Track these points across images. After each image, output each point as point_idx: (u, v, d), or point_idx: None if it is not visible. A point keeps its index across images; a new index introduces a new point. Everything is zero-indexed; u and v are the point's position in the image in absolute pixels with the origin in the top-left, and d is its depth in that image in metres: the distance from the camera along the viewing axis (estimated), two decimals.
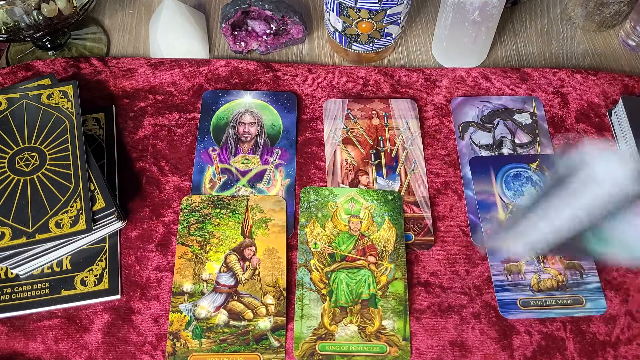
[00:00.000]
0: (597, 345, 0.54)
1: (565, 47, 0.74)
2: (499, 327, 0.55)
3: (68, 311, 0.55)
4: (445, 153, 0.64)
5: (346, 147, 0.64)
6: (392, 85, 0.69)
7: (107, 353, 0.53)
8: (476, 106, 0.67)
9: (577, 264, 0.57)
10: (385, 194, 0.61)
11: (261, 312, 0.55)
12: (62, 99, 0.61)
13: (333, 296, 0.56)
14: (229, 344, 0.53)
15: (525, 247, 0.50)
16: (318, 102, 0.67)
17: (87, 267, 0.57)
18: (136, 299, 0.56)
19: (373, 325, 0.54)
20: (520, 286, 0.56)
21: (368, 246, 0.58)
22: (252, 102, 0.67)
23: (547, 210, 0.46)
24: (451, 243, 0.59)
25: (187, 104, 0.67)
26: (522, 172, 0.62)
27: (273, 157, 0.64)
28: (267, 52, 0.72)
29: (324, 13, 0.73)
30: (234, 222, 0.59)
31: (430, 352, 0.54)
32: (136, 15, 0.77)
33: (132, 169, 0.63)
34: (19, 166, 0.57)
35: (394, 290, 0.56)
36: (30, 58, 0.72)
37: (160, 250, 0.58)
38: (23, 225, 0.54)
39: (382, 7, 0.62)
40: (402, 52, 0.73)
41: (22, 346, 0.54)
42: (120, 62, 0.70)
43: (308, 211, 0.60)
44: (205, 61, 0.70)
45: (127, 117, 0.66)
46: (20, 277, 0.56)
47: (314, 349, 0.53)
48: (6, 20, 0.62)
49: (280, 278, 0.56)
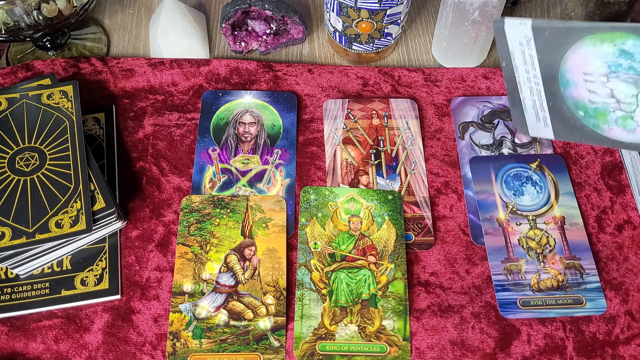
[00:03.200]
0: (596, 345, 0.54)
1: None
2: (499, 326, 0.55)
3: (68, 311, 0.55)
4: (445, 153, 0.64)
5: (346, 147, 0.64)
6: (392, 85, 0.69)
7: (107, 353, 0.53)
8: (476, 106, 0.67)
9: (577, 264, 0.57)
10: (385, 194, 0.61)
11: (261, 312, 0.55)
12: (62, 99, 0.61)
13: (333, 296, 0.56)
14: (229, 344, 0.53)
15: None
16: (318, 102, 0.67)
17: (87, 267, 0.57)
18: (136, 299, 0.56)
19: (373, 325, 0.54)
20: (520, 286, 0.56)
21: (368, 246, 0.58)
22: (252, 102, 0.67)
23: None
24: (451, 243, 0.59)
25: (187, 104, 0.67)
26: (522, 172, 0.62)
27: (273, 157, 0.64)
28: (267, 52, 0.72)
29: (324, 13, 0.73)
30: (234, 222, 0.59)
31: (430, 351, 0.54)
32: (136, 15, 0.77)
33: (132, 169, 0.63)
34: (19, 166, 0.57)
35: (394, 290, 0.56)
36: (30, 58, 0.72)
37: (160, 250, 0.58)
38: (23, 225, 0.54)
39: (382, 7, 0.62)
40: (402, 52, 0.73)
41: (22, 346, 0.54)
42: (120, 62, 0.70)
43: (308, 211, 0.60)
44: (205, 61, 0.70)
45: (127, 117, 0.66)
46: (20, 277, 0.56)
47: (314, 349, 0.53)
48: (6, 20, 0.62)
49: (280, 278, 0.56)
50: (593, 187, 0.62)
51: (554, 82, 0.51)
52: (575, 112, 0.52)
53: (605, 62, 0.46)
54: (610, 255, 0.58)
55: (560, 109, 0.53)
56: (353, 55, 0.71)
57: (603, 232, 0.60)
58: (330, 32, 0.70)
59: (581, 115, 0.51)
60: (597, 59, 0.47)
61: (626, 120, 0.49)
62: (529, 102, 0.54)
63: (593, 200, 0.61)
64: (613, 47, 0.45)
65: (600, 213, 0.61)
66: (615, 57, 0.46)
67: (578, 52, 0.47)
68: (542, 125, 0.56)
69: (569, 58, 0.48)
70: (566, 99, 0.51)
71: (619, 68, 0.46)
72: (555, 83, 0.51)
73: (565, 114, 0.52)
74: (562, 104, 0.52)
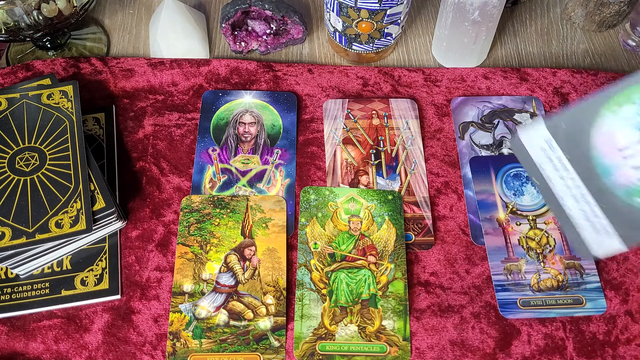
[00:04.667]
0: (596, 345, 0.54)
1: (565, 47, 0.74)
2: (499, 326, 0.55)
3: (68, 311, 0.55)
4: (445, 153, 0.64)
5: (346, 147, 0.64)
6: (392, 85, 0.69)
7: (107, 353, 0.53)
8: (476, 106, 0.67)
9: (577, 263, 0.57)
10: (385, 194, 0.61)
11: (261, 312, 0.55)
12: (62, 99, 0.61)
13: (333, 296, 0.56)
14: (229, 344, 0.53)
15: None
16: (318, 102, 0.67)
17: (87, 267, 0.57)
18: (136, 299, 0.56)
19: (373, 325, 0.54)
20: (520, 286, 0.56)
21: (368, 246, 0.58)
22: (252, 102, 0.67)
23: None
24: (451, 243, 0.59)
25: (187, 104, 0.67)
26: (522, 172, 0.62)
27: (273, 157, 0.64)
28: (267, 52, 0.72)
29: (324, 13, 0.73)
30: (234, 222, 0.59)
31: (430, 351, 0.54)
32: (136, 15, 0.77)
33: (132, 169, 0.63)
34: (19, 166, 0.57)
35: (394, 290, 0.56)
36: (30, 58, 0.72)
37: (160, 250, 0.58)
38: (23, 225, 0.54)
39: (382, 7, 0.62)
40: (402, 52, 0.73)
41: (22, 346, 0.54)
42: (120, 62, 0.70)
43: (308, 211, 0.60)
44: (205, 61, 0.70)
45: (127, 117, 0.66)
46: (20, 277, 0.56)
47: (314, 349, 0.53)
48: (6, 20, 0.62)
49: (280, 278, 0.56)
50: None
51: (594, 176, 0.43)
52: (631, 202, 0.42)
53: (633, 125, 0.41)
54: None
55: (615, 206, 0.43)
56: (353, 55, 0.71)
57: None
58: (330, 32, 0.70)
59: (638, 202, 0.42)
60: (623, 127, 0.41)
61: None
62: (578, 213, 0.45)
63: None
64: (633, 105, 0.40)
65: None
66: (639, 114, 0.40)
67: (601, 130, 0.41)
68: (605, 237, 0.46)
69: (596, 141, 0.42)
70: (615, 190, 0.43)
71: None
72: (595, 177, 0.43)
73: (623, 210, 0.43)
74: (614, 198, 0.43)
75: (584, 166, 0.43)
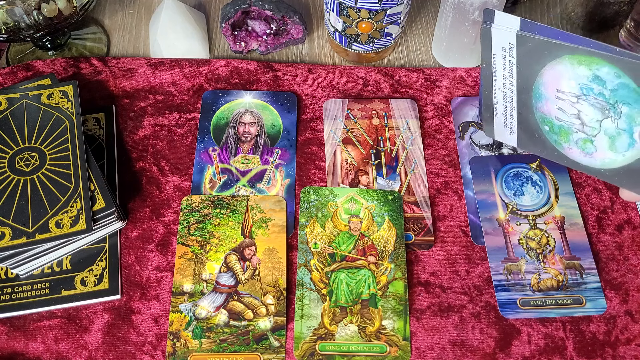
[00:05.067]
0: (596, 345, 0.54)
1: None
2: (499, 326, 0.55)
3: (68, 311, 0.55)
4: (445, 153, 0.64)
5: (346, 147, 0.64)
6: (392, 85, 0.69)
7: (107, 353, 0.53)
8: (476, 106, 0.67)
9: (577, 264, 0.57)
10: (385, 194, 0.61)
11: (261, 312, 0.55)
12: (62, 99, 0.61)
13: (333, 296, 0.56)
14: (229, 344, 0.53)
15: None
16: (318, 102, 0.67)
17: (87, 267, 0.57)
18: (136, 299, 0.56)
19: (373, 325, 0.54)
20: (520, 286, 0.56)
21: (368, 246, 0.58)
22: (252, 102, 0.67)
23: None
24: (451, 243, 0.59)
25: (187, 104, 0.67)
26: (522, 172, 0.62)
27: (273, 157, 0.64)
28: (267, 52, 0.72)
29: (324, 13, 0.73)
30: (234, 222, 0.59)
31: (430, 351, 0.54)
32: (136, 15, 0.77)
33: (132, 169, 0.63)
34: (19, 166, 0.57)
35: (394, 290, 0.56)
36: (30, 58, 0.72)
37: (160, 250, 0.58)
38: (23, 225, 0.54)
39: (382, 7, 0.62)
40: (402, 52, 0.73)
41: (22, 346, 0.54)
42: (120, 62, 0.70)
43: (308, 211, 0.60)
44: (205, 61, 0.70)
45: (127, 117, 0.66)
46: (20, 277, 0.56)
47: (314, 349, 0.53)
48: (6, 20, 0.62)
49: (280, 278, 0.56)
50: (593, 187, 0.62)
51: (527, 93, 0.51)
52: (541, 126, 0.52)
53: (578, 83, 0.47)
54: (610, 255, 0.58)
55: (527, 120, 0.53)
56: (353, 55, 0.71)
57: (603, 232, 0.60)
58: (330, 32, 0.70)
59: (546, 130, 0.52)
60: (571, 79, 0.47)
61: (586, 143, 0.50)
62: (500, 106, 0.55)
63: (593, 200, 0.61)
64: (588, 70, 0.46)
65: (600, 213, 0.61)
66: (589, 80, 0.46)
67: (555, 68, 0.48)
68: (508, 132, 0.57)
69: (546, 73, 0.49)
70: (535, 112, 0.52)
71: (590, 92, 0.47)
72: (528, 94, 0.51)
73: (532, 126, 0.53)
74: (531, 116, 0.53)
75: (524, 81, 0.51)
